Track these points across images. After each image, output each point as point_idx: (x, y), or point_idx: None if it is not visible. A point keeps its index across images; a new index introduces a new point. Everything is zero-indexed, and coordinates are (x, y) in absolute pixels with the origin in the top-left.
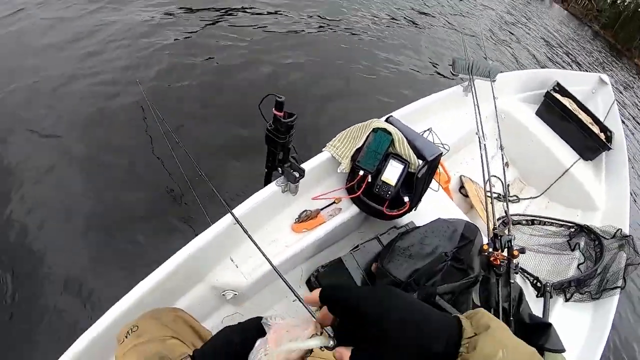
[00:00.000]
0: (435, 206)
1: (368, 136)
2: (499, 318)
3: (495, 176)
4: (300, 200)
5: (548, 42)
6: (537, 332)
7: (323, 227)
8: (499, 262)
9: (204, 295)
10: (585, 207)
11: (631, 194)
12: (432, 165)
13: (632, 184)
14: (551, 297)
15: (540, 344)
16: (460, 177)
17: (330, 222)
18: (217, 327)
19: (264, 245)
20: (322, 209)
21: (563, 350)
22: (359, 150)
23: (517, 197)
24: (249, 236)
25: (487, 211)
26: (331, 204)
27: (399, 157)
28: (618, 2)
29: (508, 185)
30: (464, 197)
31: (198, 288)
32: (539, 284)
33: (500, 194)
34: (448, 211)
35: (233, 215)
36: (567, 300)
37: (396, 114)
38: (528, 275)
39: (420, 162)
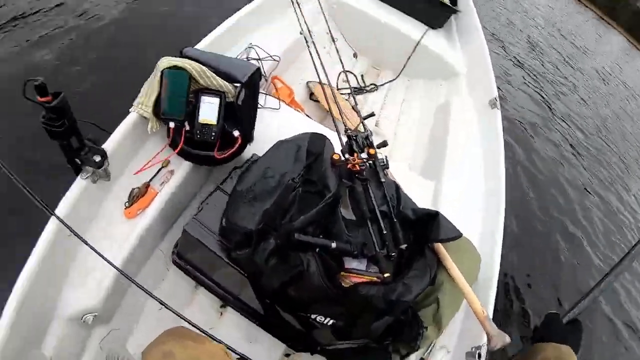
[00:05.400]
0: (279, 127)
1: (161, 81)
2: (380, 225)
3: (350, 72)
4: (122, 180)
5: None
6: (426, 227)
7: (158, 198)
8: (358, 167)
9: (65, 332)
10: (447, 75)
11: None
12: (252, 85)
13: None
14: None
15: (433, 238)
16: (307, 83)
17: (165, 190)
18: (100, 356)
19: (101, 248)
20: (150, 180)
21: (459, 236)
22: (158, 100)
23: (374, 85)
24: (83, 240)
25: (331, 112)
26: (159, 170)
27: (209, 91)
28: None
29: (362, 76)
30: (316, 104)
31: (53, 327)
32: None
33: (355, 88)
34: (298, 127)
35: (59, 219)
36: None
37: (201, 45)
38: None
39: (237, 85)
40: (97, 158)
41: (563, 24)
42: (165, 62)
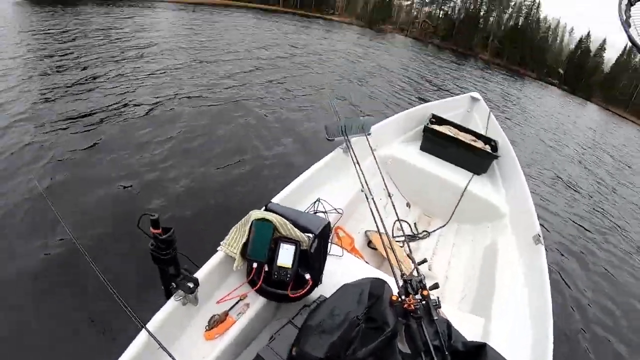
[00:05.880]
0: (343, 272)
1: (250, 229)
2: (432, 357)
3: (404, 220)
4: (206, 306)
5: (406, 71)
6: (475, 358)
7: (235, 326)
8: (413, 307)
9: None
10: (493, 218)
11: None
12: (323, 236)
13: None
14: None
15: None
16: (366, 232)
17: (241, 320)
18: None
19: None
20: (229, 310)
21: None
22: (246, 244)
23: (426, 231)
24: (170, 355)
25: (389, 259)
26: (237, 302)
27: (287, 239)
28: (449, 13)
29: (415, 224)
30: (374, 251)
31: None
32: None
33: (409, 235)
34: (357, 273)
35: (150, 333)
36: None
37: (277, 199)
38: None
39: (310, 236)
40: (190, 285)
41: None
42: (256, 214)
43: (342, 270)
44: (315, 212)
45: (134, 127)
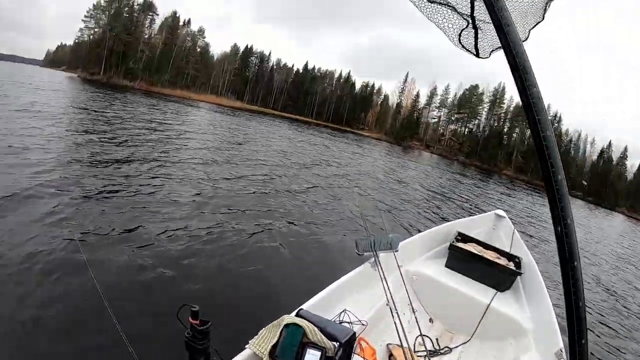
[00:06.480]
0: None
1: (281, 331)
2: None
3: (426, 335)
4: None
5: (433, 188)
6: None
7: None
8: None
9: None
10: (516, 335)
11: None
12: (348, 345)
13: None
14: None
15: None
16: (387, 345)
17: None
18: None
19: None
20: None
21: None
22: (275, 345)
23: (448, 347)
24: None
25: None
26: None
27: (314, 345)
28: (474, 130)
29: (437, 339)
30: None
31: None
32: None
33: (431, 350)
34: None
35: None
36: None
37: (307, 305)
38: None
39: (336, 344)
40: None
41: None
42: (288, 319)
43: None
44: (341, 322)
45: (167, 213)
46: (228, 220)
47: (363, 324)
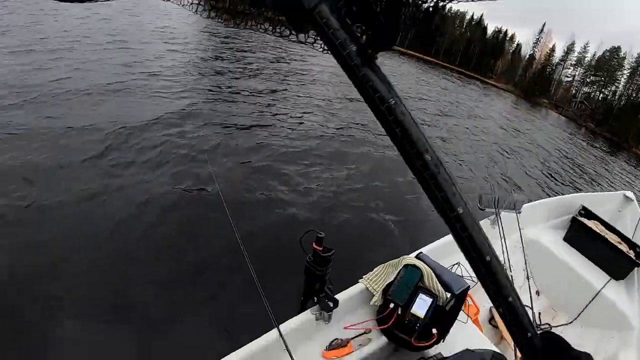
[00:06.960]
0: (463, 338)
1: (399, 271)
2: None
3: (526, 306)
4: (333, 328)
5: (559, 153)
6: None
7: (352, 355)
8: None
9: None
10: (621, 328)
11: None
12: (460, 298)
13: None
14: None
15: None
16: (490, 308)
17: (360, 352)
18: None
19: None
20: (352, 338)
21: None
22: (390, 284)
23: (549, 325)
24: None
25: (508, 342)
26: (362, 334)
27: (427, 291)
28: (609, 97)
29: (539, 314)
30: (494, 329)
31: None
32: None
33: None
34: (477, 343)
35: (280, 333)
36: None
37: (426, 250)
38: None
39: (448, 295)
40: (331, 304)
41: None
42: (408, 260)
43: (462, 335)
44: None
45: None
46: (358, 159)
47: (473, 281)
